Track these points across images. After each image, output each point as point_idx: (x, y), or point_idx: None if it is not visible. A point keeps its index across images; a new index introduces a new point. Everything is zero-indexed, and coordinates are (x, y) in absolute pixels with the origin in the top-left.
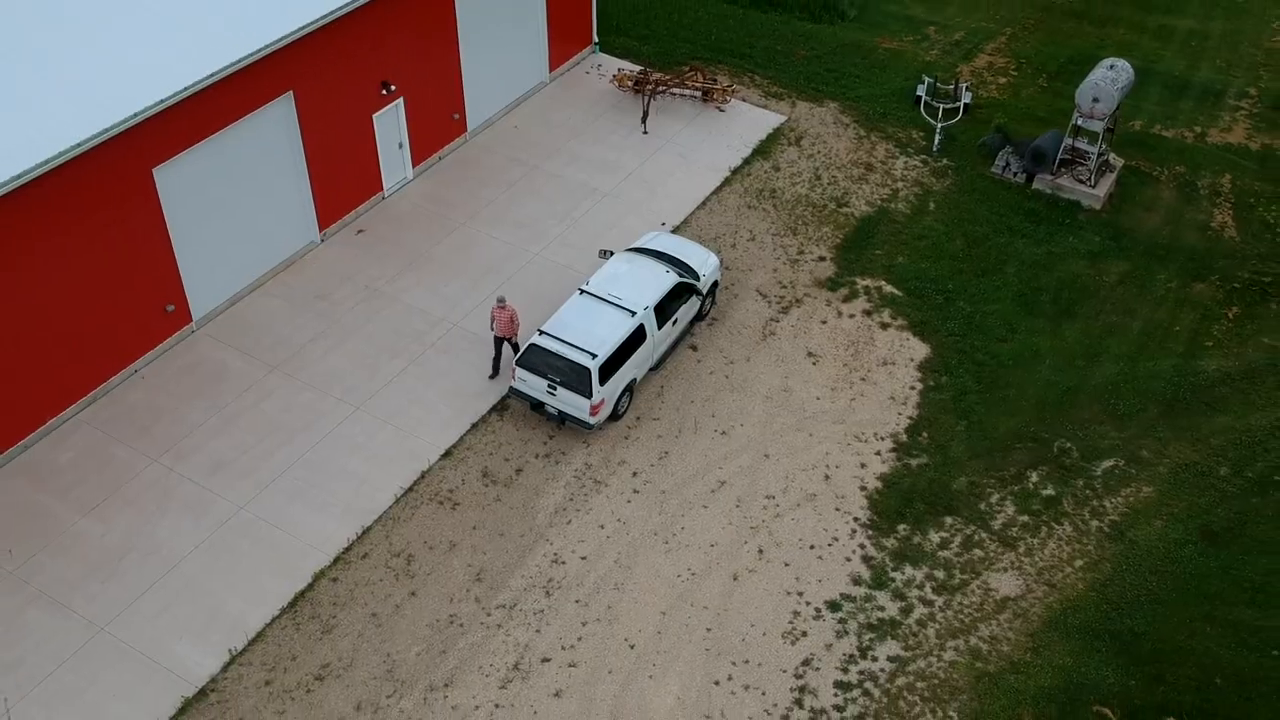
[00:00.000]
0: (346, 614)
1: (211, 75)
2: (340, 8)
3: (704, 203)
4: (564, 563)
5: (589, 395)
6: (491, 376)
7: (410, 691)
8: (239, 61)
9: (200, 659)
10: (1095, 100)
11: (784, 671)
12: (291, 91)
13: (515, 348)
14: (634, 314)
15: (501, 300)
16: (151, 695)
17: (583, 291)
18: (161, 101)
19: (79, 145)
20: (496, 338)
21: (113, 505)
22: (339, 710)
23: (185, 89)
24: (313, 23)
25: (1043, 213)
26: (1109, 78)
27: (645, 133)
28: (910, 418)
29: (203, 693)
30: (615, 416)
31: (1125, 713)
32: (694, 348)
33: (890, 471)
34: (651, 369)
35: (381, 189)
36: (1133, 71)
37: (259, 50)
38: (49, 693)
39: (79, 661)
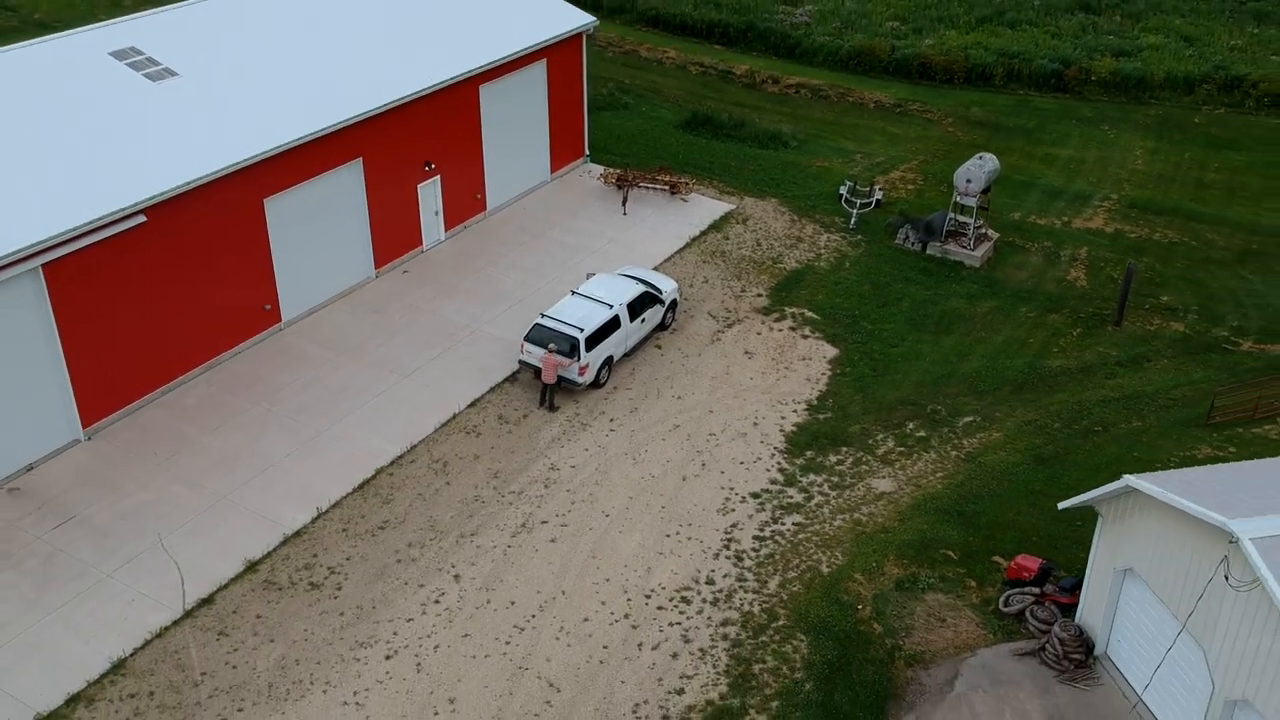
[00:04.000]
0: (400, 493)
1: (310, 134)
2: (399, 99)
3: (669, 258)
4: (558, 469)
5: (578, 359)
6: (551, 409)
7: (446, 537)
8: (328, 128)
9: (295, 515)
10: (968, 181)
11: (717, 530)
12: (361, 158)
13: (554, 390)
14: (611, 307)
15: (553, 349)
16: (261, 533)
17: (574, 292)
18: (277, 148)
19: (219, 171)
20: (545, 384)
21: (226, 429)
22: (395, 546)
23: (291, 141)
24: (380, 107)
25: (933, 269)
26: (978, 164)
27: (625, 214)
28: (820, 391)
29: (298, 533)
30: (597, 385)
31: (964, 554)
32: (658, 347)
33: (803, 421)
34: (625, 355)
35: (421, 244)
36: (998, 162)
37: (342, 121)
38: (189, 531)
39: (209, 514)
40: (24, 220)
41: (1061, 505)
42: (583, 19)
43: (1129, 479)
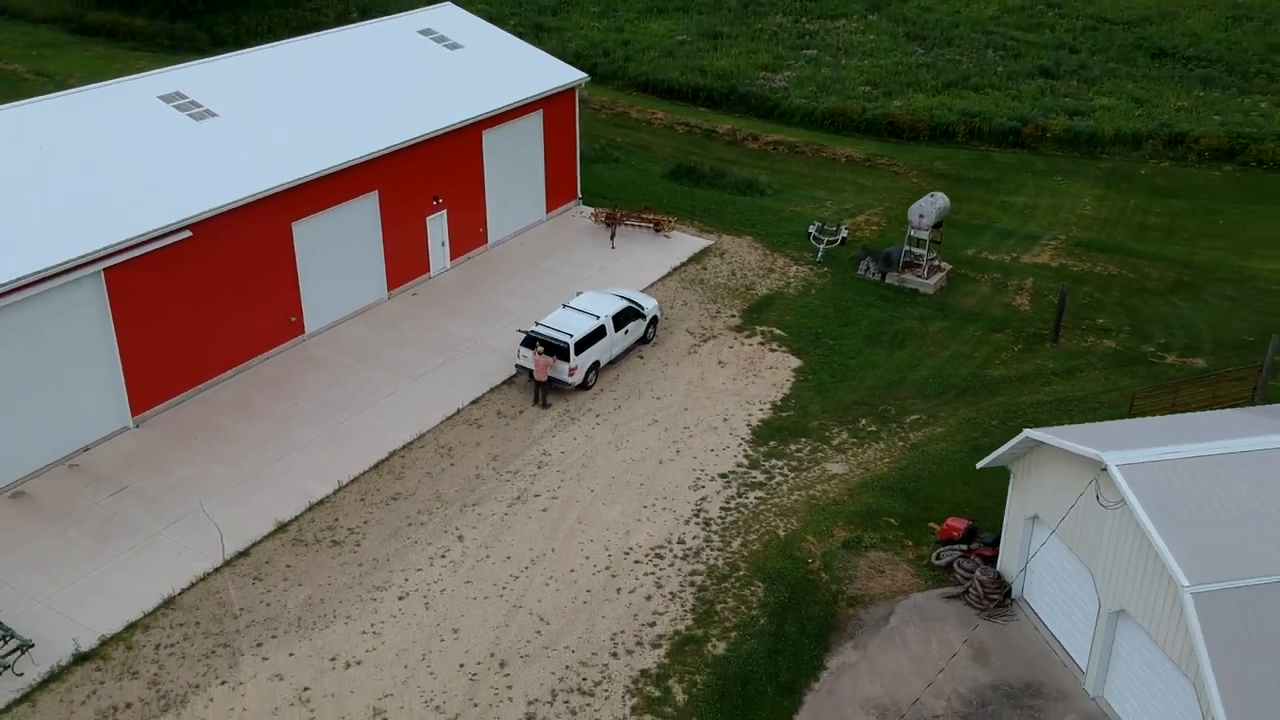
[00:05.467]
0: (410, 471)
1: (332, 167)
2: (411, 140)
3: (652, 284)
4: (550, 454)
5: (568, 361)
6: (544, 406)
7: (450, 506)
8: (348, 162)
9: (319, 488)
10: (921, 215)
11: (688, 503)
12: (377, 190)
13: (545, 388)
14: (598, 318)
15: (541, 350)
16: (291, 502)
17: (565, 306)
18: (303, 178)
19: (253, 196)
20: (538, 383)
21: (258, 420)
22: (406, 513)
23: (316, 173)
24: (394, 146)
25: (891, 295)
26: (930, 200)
27: (613, 248)
28: (784, 394)
29: (320, 502)
30: (585, 387)
31: (904, 521)
32: (641, 357)
33: (767, 418)
34: (610, 362)
35: (429, 271)
36: (947, 200)
37: (361, 157)
38: (227, 500)
39: (244, 487)
40: (90, 230)
41: (979, 465)
42: (575, 75)
43: (1028, 431)
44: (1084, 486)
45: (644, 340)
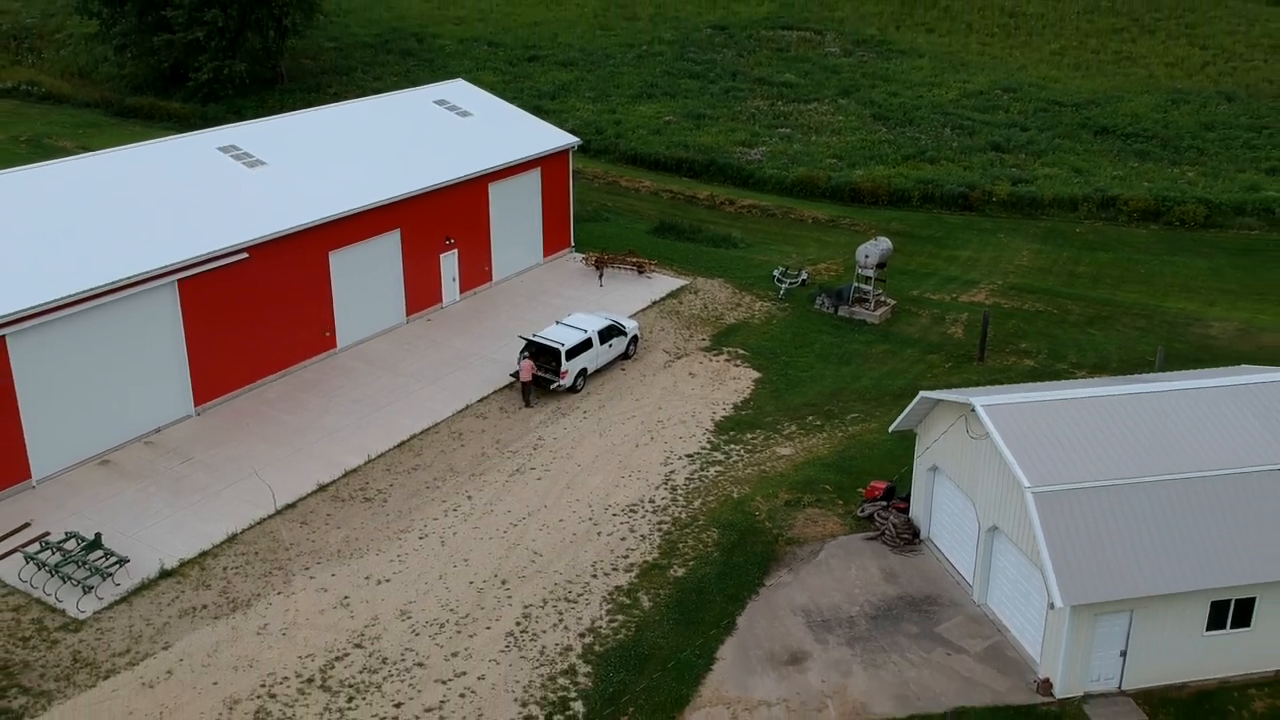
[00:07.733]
0: (427, 449)
1: (362, 207)
2: (428, 187)
3: (634, 314)
4: (544, 439)
5: (560, 365)
6: (527, 404)
7: (460, 475)
8: (375, 203)
9: (351, 460)
10: (866, 256)
11: (659, 474)
12: (399, 229)
13: (530, 389)
14: (586, 331)
15: (530, 356)
16: (327, 469)
17: (558, 322)
18: (338, 214)
19: (297, 227)
20: (523, 383)
21: (298, 410)
22: (424, 479)
23: (349, 211)
24: (414, 192)
25: (842, 325)
26: (873, 243)
27: (601, 286)
28: (744, 398)
29: (354, 470)
30: (574, 390)
31: (837, 488)
32: (623, 369)
33: (729, 415)
34: (596, 371)
35: (441, 301)
36: (890, 242)
37: (386, 199)
38: (276, 469)
39: (290, 459)
40: (166, 248)
41: (891, 428)
42: (569, 139)
43: (924, 393)
44: (958, 425)
45: (625, 356)
